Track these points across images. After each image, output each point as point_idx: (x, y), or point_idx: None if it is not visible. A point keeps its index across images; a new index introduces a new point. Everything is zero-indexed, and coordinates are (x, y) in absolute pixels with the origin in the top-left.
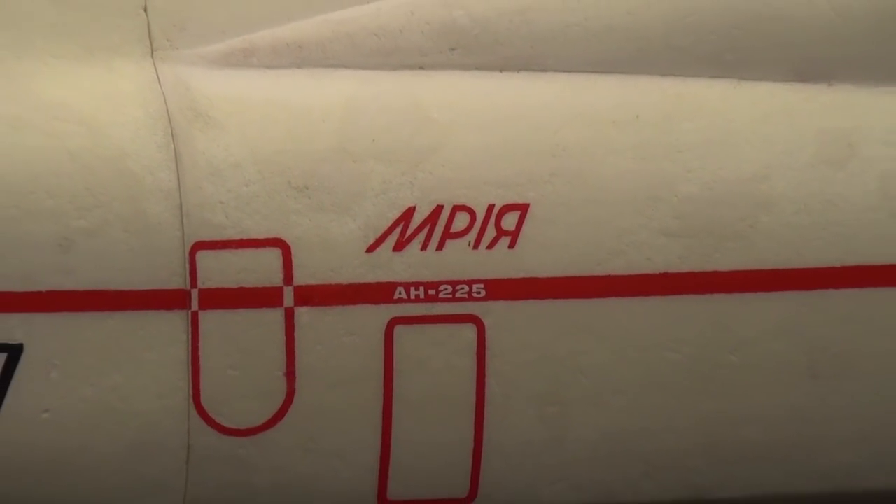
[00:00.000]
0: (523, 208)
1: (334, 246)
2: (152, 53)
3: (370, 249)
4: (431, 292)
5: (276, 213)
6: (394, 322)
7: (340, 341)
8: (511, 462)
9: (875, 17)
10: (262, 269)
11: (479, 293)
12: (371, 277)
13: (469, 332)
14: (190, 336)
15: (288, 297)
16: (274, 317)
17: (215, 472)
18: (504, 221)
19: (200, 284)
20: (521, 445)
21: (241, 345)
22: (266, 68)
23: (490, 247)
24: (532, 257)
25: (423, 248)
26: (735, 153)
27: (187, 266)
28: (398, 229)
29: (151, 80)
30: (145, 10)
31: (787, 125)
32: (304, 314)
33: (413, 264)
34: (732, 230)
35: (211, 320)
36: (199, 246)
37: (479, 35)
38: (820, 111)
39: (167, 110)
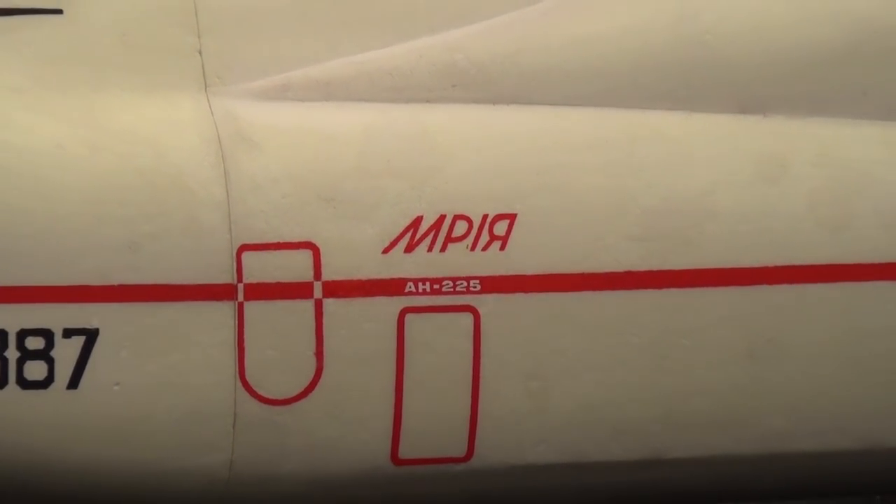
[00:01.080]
0: (512, 217)
1: (356, 248)
2: (206, 88)
3: (385, 251)
4: (436, 287)
5: (308, 221)
6: (405, 311)
7: (361, 327)
8: (501, 427)
9: (802, 60)
10: (296, 267)
11: (475, 287)
12: (386, 274)
13: (467, 319)
14: (236, 322)
15: (317, 291)
16: (306, 306)
17: (256, 436)
18: (496, 228)
19: (245, 280)
20: (510, 413)
21: (278, 330)
22: (299, 101)
23: (484, 249)
24: (519, 258)
25: (429, 250)
26: (687, 172)
27: (234, 264)
28: (408, 234)
29: (205, 111)
30: (200, 53)
31: (729, 149)
32: (330, 304)
33: (421, 263)
34: (684, 236)
35: (254, 309)
36: (244, 248)
37: (476, 75)
38: (757, 138)
39: (218, 136)
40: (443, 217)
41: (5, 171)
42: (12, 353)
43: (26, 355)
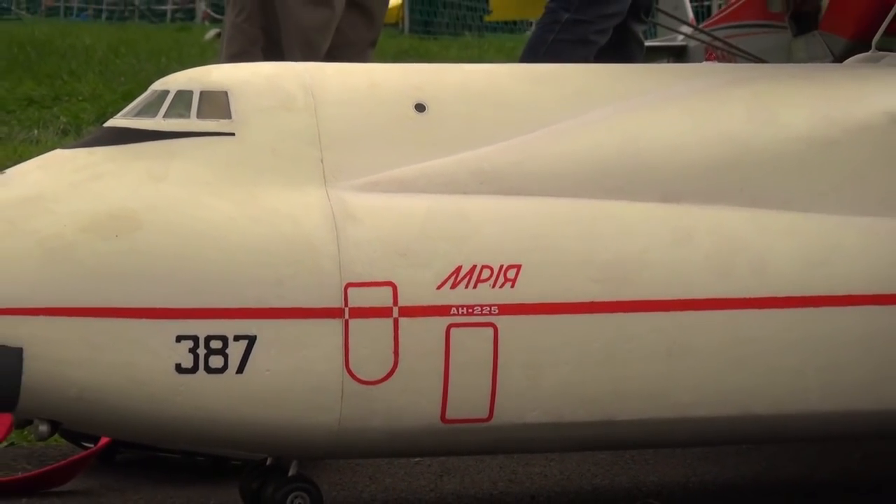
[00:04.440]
0: (519, 266)
1: (419, 285)
2: (325, 184)
3: (438, 287)
4: (470, 311)
5: (389, 268)
6: (450, 326)
7: (422, 336)
8: (510, 399)
9: (702, 168)
10: (381, 297)
11: (494, 311)
12: (438, 302)
13: (489, 331)
14: (343, 332)
15: (395, 312)
16: (388, 323)
17: (355, 404)
18: (508, 273)
19: (349, 305)
20: (515, 390)
21: (370, 337)
22: (384, 192)
23: (501, 287)
24: (524, 293)
25: (466, 287)
26: (629, 239)
27: (343, 296)
28: (453, 277)
29: (324, 198)
30: (322, 162)
31: (656, 224)
32: (403, 322)
33: (461, 296)
34: (627, 279)
35: (355, 324)
36: (349, 285)
37: (495, 176)
38: (673, 217)
39: (333, 214)
40: (474, 266)
41: (199, 236)
42: (202, 351)
43: (210, 352)
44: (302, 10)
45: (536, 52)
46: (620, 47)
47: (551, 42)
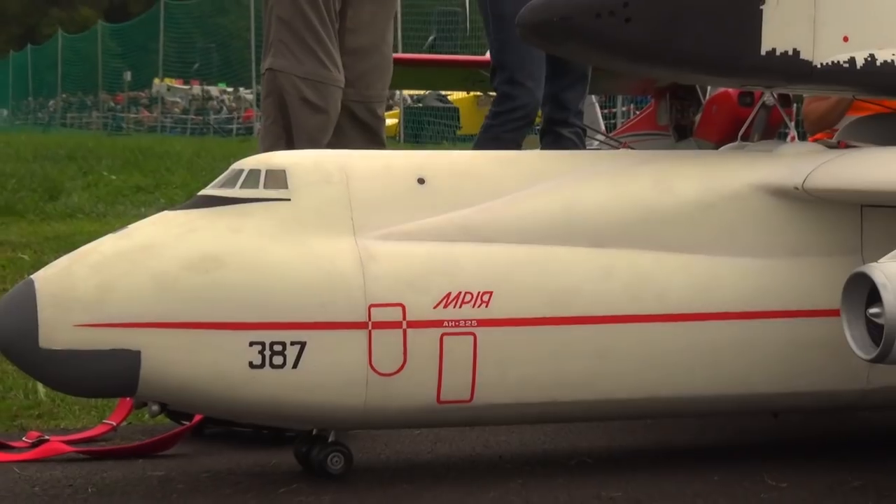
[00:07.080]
0: (491, 293)
1: (421, 306)
2: (354, 235)
3: (434, 307)
4: (457, 323)
5: (400, 293)
6: (443, 335)
7: (423, 342)
8: (485, 386)
9: (622, 221)
10: (394, 314)
11: (474, 324)
12: (434, 318)
13: (471, 339)
14: (368, 339)
15: (404, 325)
16: (399, 332)
17: (376, 391)
18: (484, 297)
19: (372, 320)
20: (489, 380)
21: (386, 343)
22: (396, 241)
23: (479, 307)
24: (495, 311)
25: (454, 307)
26: (571, 275)
27: (367, 313)
28: (445, 300)
29: (354, 245)
30: (352, 220)
31: (588, 263)
32: (410, 332)
33: (450, 313)
34: (567, 302)
35: (376, 333)
36: (372, 305)
37: (476, 228)
38: (601, 258)
39: (360, 256)
40: (460, 292)
41: (265, 272)
42: (267, 352)
43: (273, 353)
44: (305, 116)
45: (476, 148)
46: (557, 147)
47: (478, 142)
